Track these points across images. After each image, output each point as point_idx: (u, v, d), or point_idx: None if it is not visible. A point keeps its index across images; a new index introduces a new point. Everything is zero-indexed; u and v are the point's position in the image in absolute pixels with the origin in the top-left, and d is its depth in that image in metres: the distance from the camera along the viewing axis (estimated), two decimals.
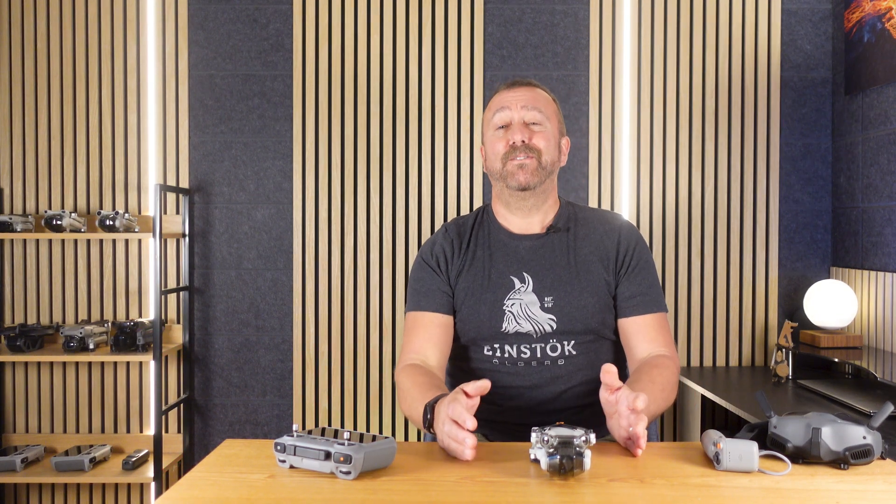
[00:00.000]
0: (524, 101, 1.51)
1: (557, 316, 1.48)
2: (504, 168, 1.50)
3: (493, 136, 1.54)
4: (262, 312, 2.85)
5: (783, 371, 2.40)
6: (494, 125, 1.53)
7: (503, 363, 1.50)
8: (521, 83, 1.55)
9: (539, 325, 1.48)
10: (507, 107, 1.51)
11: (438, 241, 1.59)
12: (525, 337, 1.49)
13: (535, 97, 1.52)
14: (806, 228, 2.83)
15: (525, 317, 1.48)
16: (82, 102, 2.84)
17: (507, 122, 1.51)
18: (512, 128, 1.50)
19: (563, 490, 0.99)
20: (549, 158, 1.51)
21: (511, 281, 1.51)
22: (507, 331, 1.49)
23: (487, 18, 2.83)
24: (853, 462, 1.08)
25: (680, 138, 2.82)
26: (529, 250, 1.54)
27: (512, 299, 1.50)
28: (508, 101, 1.52)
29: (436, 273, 1.55)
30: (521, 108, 1.51)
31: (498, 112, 1.52)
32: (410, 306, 1.56)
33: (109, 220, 2.61)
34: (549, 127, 1.52)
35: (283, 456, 1.07)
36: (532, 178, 1.48)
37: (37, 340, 2.70)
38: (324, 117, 2.83)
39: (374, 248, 2.82)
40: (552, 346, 1.49)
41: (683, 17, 2.82)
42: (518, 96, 1.52)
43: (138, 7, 2.83)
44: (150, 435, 2.81)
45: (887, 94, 2.49)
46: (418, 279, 1.57)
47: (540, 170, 1.49)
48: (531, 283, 1.50)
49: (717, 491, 0.99)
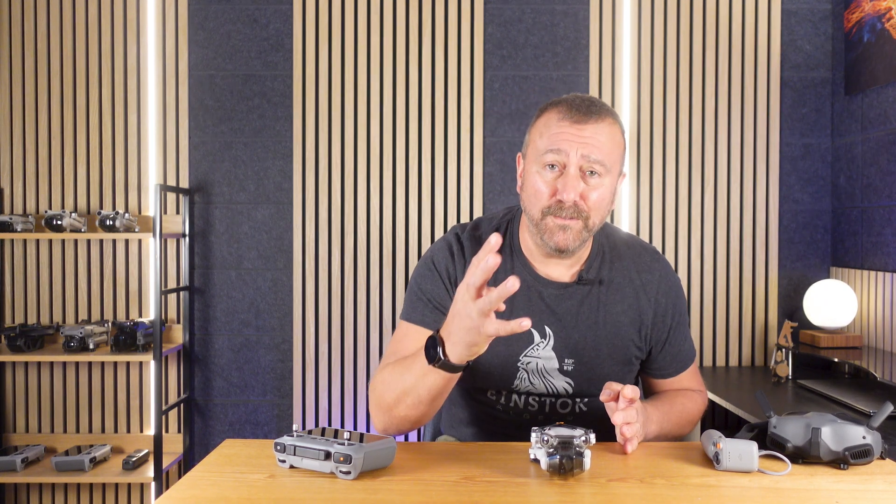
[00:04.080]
0: (587, 149, 1.22)
1: (576, 381, 1.33)
2: (543, 221, 1.25)
3: (538, 174, 1.26)
4: (262, 312, 2.85)
5: (783, 371, 2.40)
6: (543, 161, 1.25)
7: (507, 412, 1.38)
8: (588, 117, 1.23)
9: (554, 388, 1.34)
10: (563, 150, 1.22)
11: (455, 252, 1.35)
12: (536, 393, 1.35)
13: (600, 143, 1.23)
14: (806, 228, 2.83)
15: (540, 377, 1.33)
16: (82, 102, 2.84)
17: (561, 165, 1.24)
18: (565, 178, 1.23)
19: (563, 490, 0.99)
20: (597, 220, 1.27)
21: (531, 334, 1.32)
22: (517, 388, 1.34)
23: (487, 18, 2.83)
24: (853, 462, 1.08)
25: (680, 138, 2.82)
26: (555, 300, 1.32)
27: (529, 356, 1.32)
28: (567, 143, 1.23)
29: (446, 287, 1.34)
30: (581, 156, 1.22)
31: (551, 151, 1.23)
32: (408, 314, 1.35)
33: (109, 220, 2.62)
34: (607, 182, 1.25)
35: (283, 456, 1.07)
36: (573, 243, 1.25)
37: (37, 340, 2.70)
38: (324, 117, 2.83)
39: (374, 248, 2.82)
40: (562, 403, 1.36)
41: (683, 17, 2.82)
42: (582, 139, 1.23)
43: (138, 7, 2.83)
44: (150, 435, 2.81)
45: (887, 94, 2.49)
46: (423, 288, 1.35)
47: (584, 233, 1.26)
48: (552, 340, 1.32)
49: (716, 491, 0.99)
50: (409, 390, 1.15)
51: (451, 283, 1.34)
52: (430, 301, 1.33)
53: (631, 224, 2.82)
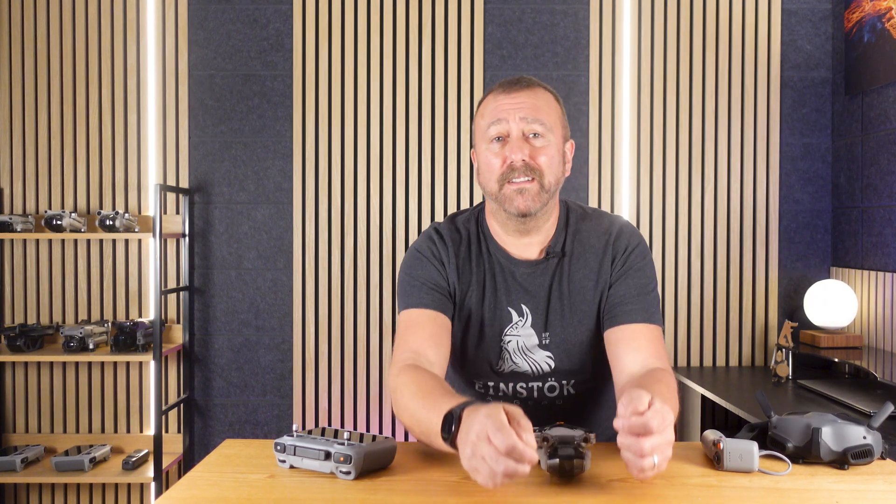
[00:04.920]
0: (524, 111, 1.29)
1: (555, 353, 1.35)
2: (501, 191, 1.30)
3: (486, 150, 1.32)
4: (262, 312, 2.85)
5: (783, 371, 2.40)
6: (489, 137, 1.31)
7: (497, 401, 1.36)
8: (518, 85, 1.32)
9: (536, 365, 1.36)
10: (503, 118, 1.30)
11: (436, 239, 1.40)
12: (521, 376, 1.37)
13: (536, 105, 1.30)
14: (806, 228, 2.83)
15: (522, 355, 1.36)
16: (82, 102, 2.84)
17: (504, 135, 1.30)
18: (510, 143, 1.29)
19: (562, 490, 0.99)
20: (552, 179, 1.31)
21: (509, 313, 1.36)
22: (502, 370, 1.37)
23: (487, 18, 2.83)
24: (853, 462, 1.08)
25: (680, 138, 2.82)
26: (527, 278, 1.37)
27: (510, 335, 1.36)
28: (505, 111, 1.30)
29: (438, 270, 1.37)
30: (520, 119, 1.29)
31: (493, 124, 1.30)
32: (406, 302, 1.36)
33: (109, 220, 2.61)
34: (552, 139, 1.31)
35: (283, 456, 1.07)
36: (533, 204, 1.29)
37: (37, 340, 2.70)
38: (324, 117, 2.83)
39: (374, 248, 2.82)
40: (550, 387, 1.37)
41: (683, 17, 2.82)
42: (517, 104, 1.30)
43: (138, 7, 2.83)
44: (150, 435, 2.81)
45: (887, 94, 2.49)
46: (414, 275, 1.37)
47: (542, 193, 1.30)
48: (529, 318, 1.36)
49: (717, 491, 0.99)
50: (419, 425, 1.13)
51: (440, 264, 1.38)
52: (425, 284, 1.36)
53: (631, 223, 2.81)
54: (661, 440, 0.94)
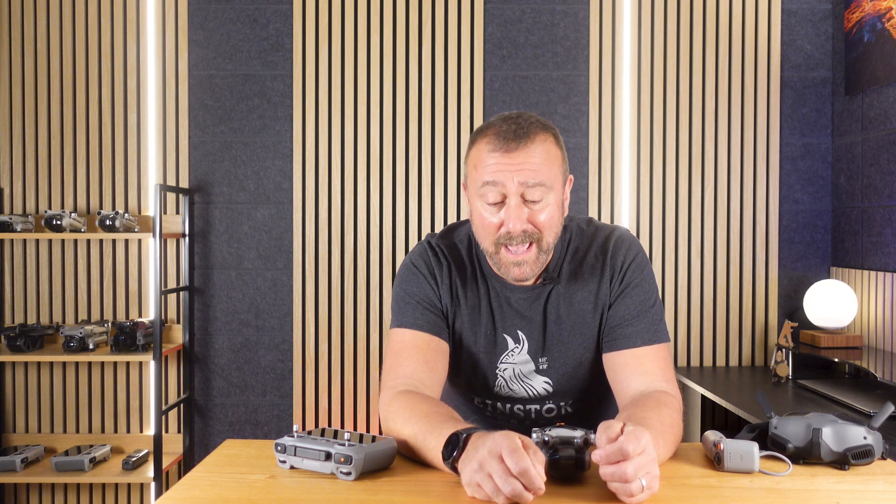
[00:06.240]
0: (524, 174, 1.18)
1: (553, 378, 1.32)
2: (497, 255, 1.24)
3: (481, 207, 1.22)
4: (262, 312, 2.85)
5: (783, 371, 2.40)
6: (483, 195, 1.21)
7: (495, 416, 1.38)
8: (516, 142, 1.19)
9: (533, 390, 1.34)
10: (500, 181, 1.19)
11: (431, 255, 1.34)
12: (518, 399, 1.35)
13: (535, 166, 1.19)
14: (806, 228, 2.83)
15: (519, 382, 1.33)
16: (82, 102, 2.84)
17: (500, 200, 1.20)
18: (508, 210, 1.19)
19: (562, 490, 0.99)
20: (551, 238, 1.24)
21: (504, 340, 1.32)
22: (499, 392, 1.35)
23: (487, 18, 2.82)
24: (854, 462, 1.08)
25: (680, 138, 2.82)
26: (523, 304, 1.32)
27: (505, 363, 1.32)
28: (503, 174, 1.18)
29: (432, 287, 1.32)
30: (518, 183, 1.18)
31: (489, 185, 1.19)
32: (399, 321, 1.31)
33: (109, 220, 2.61)
34: (551, 198, 1.21)
35: (284, 456, 1.07)
36: (531, 271, 1.24)
37: (37, 340, 2.70)
38: (324, 117, 2.83)
39: (374, 248, 2.82)
40: (548, 409, 1.36)
41: (683, 17, 2.82)
42: (516, 166, 1.18)
43: (138, 7, 2.83)
44: (150, 435, 2.81)
45: (887, 94, 2.49)
46: (409, 291, 1.32)
47: (540, 255, 1.24)
48: (526, 344, 1.32)
49: (717, 491, 0.99)
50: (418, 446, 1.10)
51: (435, 282, 1.32)
52: (420, 302, 1.31)
53: (631, 224, 2.82)
54: (644, 460, 0.91)
